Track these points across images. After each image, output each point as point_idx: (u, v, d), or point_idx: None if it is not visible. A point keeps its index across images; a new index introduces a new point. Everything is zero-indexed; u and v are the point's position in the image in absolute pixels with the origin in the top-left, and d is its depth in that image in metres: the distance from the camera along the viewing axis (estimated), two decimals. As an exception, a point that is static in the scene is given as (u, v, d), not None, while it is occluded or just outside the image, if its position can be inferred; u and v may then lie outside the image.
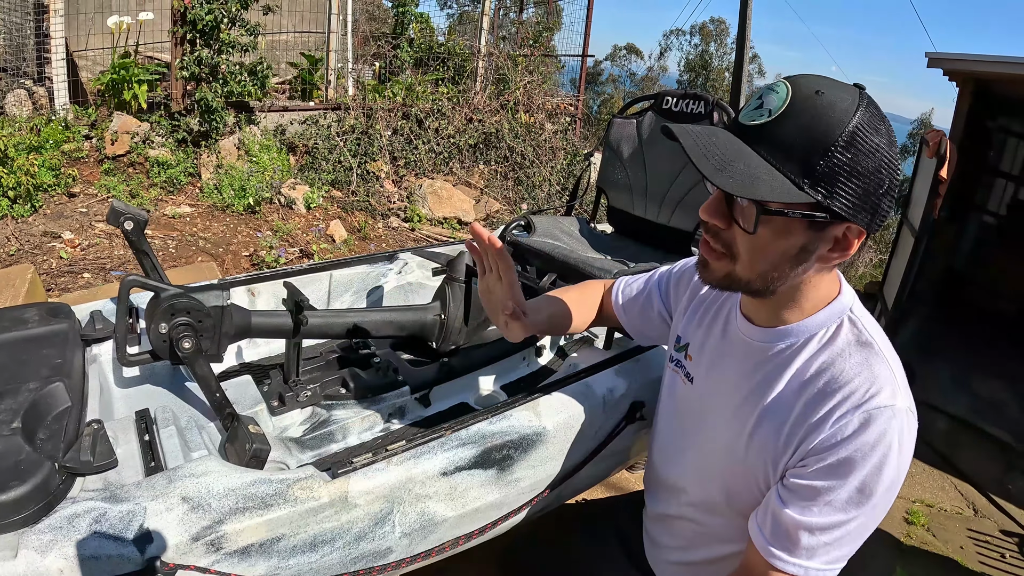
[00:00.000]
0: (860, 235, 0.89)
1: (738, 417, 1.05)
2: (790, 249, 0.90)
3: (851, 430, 0.90)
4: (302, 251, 4.51)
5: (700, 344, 1.18)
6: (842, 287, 1.01)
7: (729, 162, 0.85)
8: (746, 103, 0.92)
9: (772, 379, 1.01)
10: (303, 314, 1.39)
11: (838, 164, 0.83)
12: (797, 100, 0.85)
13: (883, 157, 0.85)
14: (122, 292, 1.25)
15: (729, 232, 0.94)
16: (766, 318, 1.04)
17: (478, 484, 1.19)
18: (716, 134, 0.90)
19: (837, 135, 0.83)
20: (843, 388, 0.93)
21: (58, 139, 4.62)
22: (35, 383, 1.13)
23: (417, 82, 6.74)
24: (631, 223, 2.46)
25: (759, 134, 0.87)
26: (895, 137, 0.88)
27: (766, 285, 0.94)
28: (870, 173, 0.85)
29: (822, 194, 0.84)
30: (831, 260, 0.92)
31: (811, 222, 0.87)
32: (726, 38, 29.10)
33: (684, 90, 2.36)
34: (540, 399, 1.30)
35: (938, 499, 3.27)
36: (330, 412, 1.45)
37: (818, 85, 0.86)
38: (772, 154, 0.85)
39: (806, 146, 0.83)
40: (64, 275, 3.63)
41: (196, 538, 0.95)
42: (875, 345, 0.96)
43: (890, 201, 0.88)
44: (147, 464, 1.09)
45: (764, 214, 0.86)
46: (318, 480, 1.04)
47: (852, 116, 0.83)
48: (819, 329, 0.99)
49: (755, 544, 0.98)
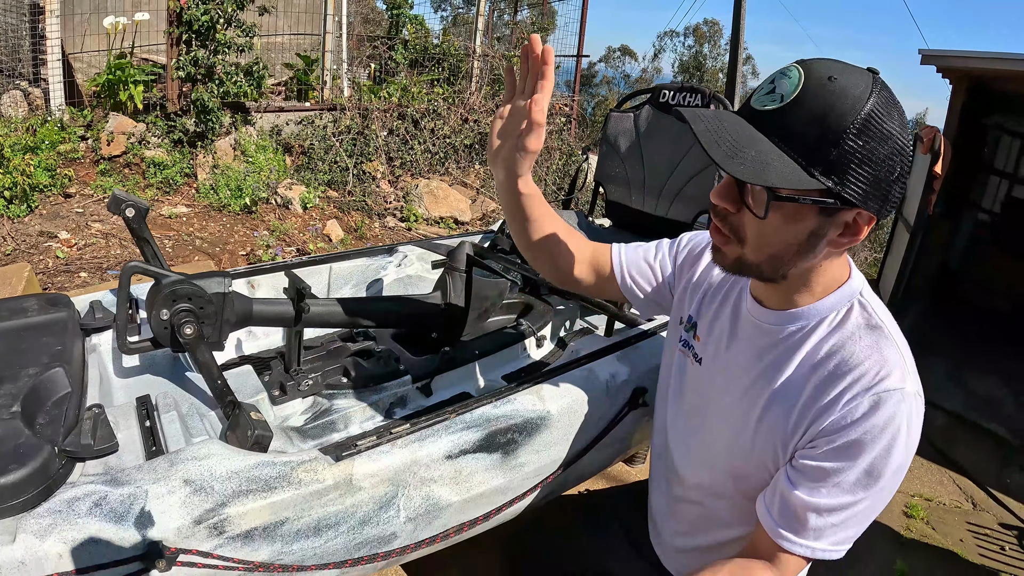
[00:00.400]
0: (870, 221, 0.88)
1: (747, 399, 1.05)
2: (800, 234, 0.89)
3: (861, 412, 0.90)
4: (299, 250, 4.50)
5: (709, 325, 1.17)
6: (852, 271, 1.01)
7: (741, 148, 0.84)
8: (758, 87, 0.91)
9: (782, 362, 1.01)
10: (304, 302, 1.38)
11: (850, 151, 0.83)
12: (810, 86, 0.84)
13: (896, 143, 0.84)
14: (123, 278, 1.24)
15: (738, 216, 0.93)
16: (777, 301, 1.03)
17: (483, 468, 1.18)
18: (726, 119, 0.89)
19: (849, 122, 0.82)
20: (853, 371, 0.93)
21: (54, 140, 4.61)
22: (35, 369, 1.12)
23: (412, 83, 6.74)
24: (629, 216, 2.46)
25: (771, 120, 0.86)
26: (907, 121, 0.87)
27: (776, 269, 0.94)
28: (882, 160, 0.84)
29: (833, 181, 0.83)
30: (841, 245, 0.92)
31: (821, 208, 0.86)
32: (720, 39, 29.21)
33: (681, 83, 2.36)
34: (544, 384, 1.30)
35: (937, 493, 3.28)
36: (332, 401, 1.44)
37: (831, 71, 0.85)
38: (783, 140, 0.85)
39: (818, 133, 0.83)
40: (60, 275, 3.61)
41: (198, 521, 0.94)
42: (885, 329, 0.96)
43: (901, 187, 0.88)
44: (148, 449, 1.08)
45: (775, 200, 0.86)
46: (322, 462, 1.03)
47: (865, 103, 0.82)
48: (829, 312, 0.99)
49: (763, 524, 0.98)
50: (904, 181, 0.88)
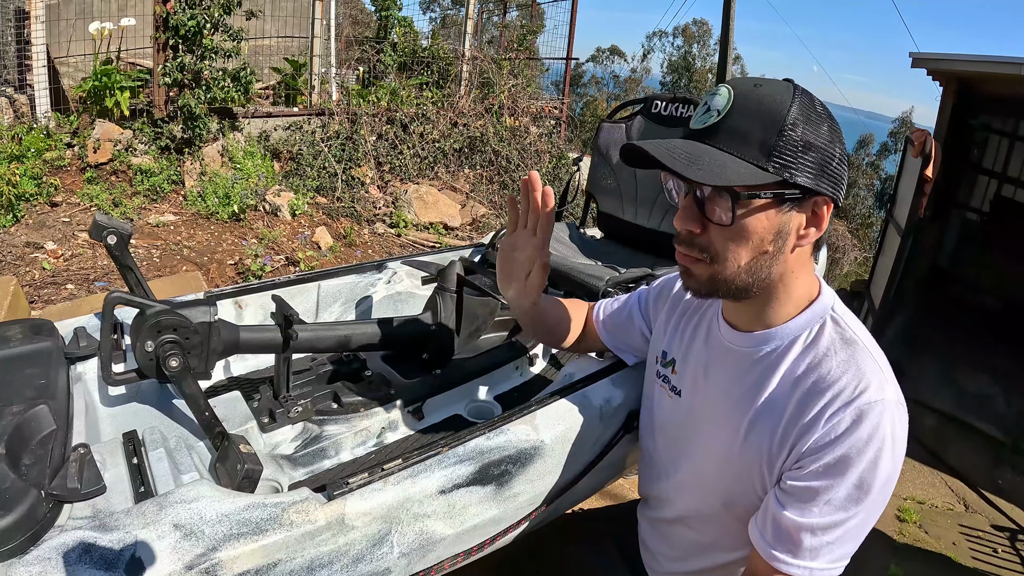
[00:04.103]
0: (828, 205, 0.94)
1: (730, 422, 1.05)
2: (767, 233, 0.93)
3: (844, 427, 0.91)
4: (288, 259, 4.47)
5: (684, 356, 1.19)
6: (821, 287, 1.04)
7: (696, 158, 0.90)
8: (694, 114, 0.98)
9: (761, 382, 1.02)
10: (292, 328, 1.36)
11: (793, 140, 0.89)
12: (739, 94, 0.92)
13: (828, 129, 0.92)
14: (106, 309, 1.22)
15: (704, 236, 0.97)
16: (748, 322, 1.06)
17: (476, 501, 1.16)
18: (676, 141, 0.96)
19: (784, 114, 0.90)
20: (832, 386, 0.94)
21: (40, 147, 4.56)
22: (19, 406, 1.09)
23: (401, 86, 6.71)
24: (621, 228, 2.45)
25: (715, 131, 0.93)
26: (830, 112, 0.96)
27: (751, 278, 0.96)
28: (823, 143, 0.91)
29: (788, 171, 0.89)
30: (808, 238, 0.95)
31: (781, 201, 0.91)
32: (709, 39, 29.31)
33: (673, 94, 2.36)
34: (537, 412, 1.29)
35: (929, 495, 3.29)
36: (322, 427, 1.43)
37: (754, 81, 0.94)
38: (730, 145, 0.91)
39: (760, 130, 0.90)
40: (47, 286, 3.58)
41: (190, 567, 0.92)
42: (859, 342, 0.98)
43: (844, 168, 0.95)
44: (136, 489, 1.06)
45: (739, 200, 0.90)
46: (314, 503, 1.02)
47: (792, 97, 0.91)
48: (802, 331, 1.01)
49: (757, 549, 0.99)
50: (845, 164, 0.96)
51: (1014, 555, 2.94)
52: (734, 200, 0.90)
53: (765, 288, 0.98)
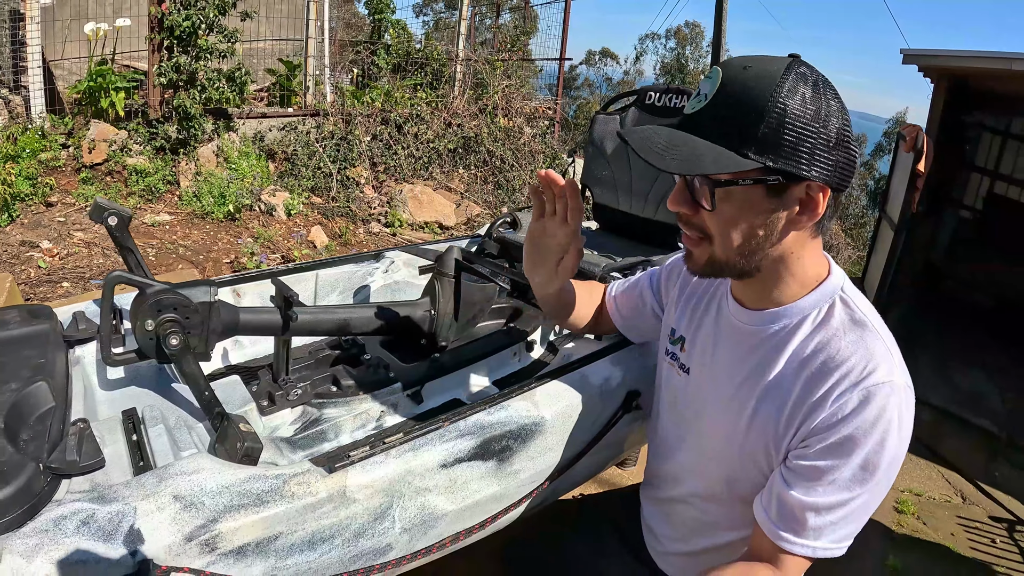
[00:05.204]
0: (823, 191, 0.90)
1: (737, 401, 1.05)
2: (754, 218, 0.92)
3: (851, 408, 0.90)
4: (283, 257, 4.47)
5: (693, 334, 1.19)
6: (831, 268, 1.02)
7: (673, 147, 0.90)
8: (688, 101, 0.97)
9: (769, 360, 1.02)
10: (292, 310, 1.36)
11: (777, 125, 0.86)
12: (727, 79, 0.89)
13: (822, 110, 0.87)
14: (107, 289, 1.22)
15: (698, 217, 0.96)
16: (756, 300, 1.05)
17: (478, 476, 1.16)
18: (660, 129, 0.95)
19: (769, 97, 0.86)
20: (841, 367, 0.93)
21: (35, 148, 4.55)
22: (16, 383, 1.09)
23: (395, 87, 6.72)
24: (617, 219, 2.46)
25: (699, 119, 0.92)
26: (836, 92, 0.91)
27: (747, 261, 0.96)
28: (812, 128, 0.87)
29: (769, 158, 0.87)
30: (801, 223, 0.93)
31: (768, 187, 0.89)
32: (701, 41, 29.42)
33: (667, 85, 2.36)
34: (537, 389, 1.29)
35: (927, 488, 3.30)
36: (321, 411, 1.42)
37: (746, 62, 0.90)
38: (713, 131, 0.89)
39: (741, 116, 0.87)
40: (43, 285, 3.56)
41: (190, 538, 0.92)
42: (869, 323, 0.97)
43: (847, 154, 0.90)
44: (136, 464, 1.06)
45: (717, 187, 0.90)
46: (315, 475, 1.01)
47: (782, 77, 0.87)
48: (812, 310, 1.00)
49: (761, 527, 0.98)
50: (846, 148, 0.90)
51: (1012, 545, 2.94)
52: (712, 187, 0.90)
53: (766, 268, 0.98)
